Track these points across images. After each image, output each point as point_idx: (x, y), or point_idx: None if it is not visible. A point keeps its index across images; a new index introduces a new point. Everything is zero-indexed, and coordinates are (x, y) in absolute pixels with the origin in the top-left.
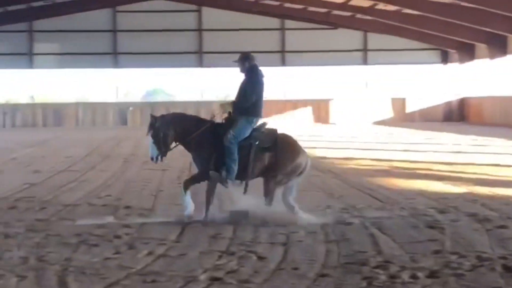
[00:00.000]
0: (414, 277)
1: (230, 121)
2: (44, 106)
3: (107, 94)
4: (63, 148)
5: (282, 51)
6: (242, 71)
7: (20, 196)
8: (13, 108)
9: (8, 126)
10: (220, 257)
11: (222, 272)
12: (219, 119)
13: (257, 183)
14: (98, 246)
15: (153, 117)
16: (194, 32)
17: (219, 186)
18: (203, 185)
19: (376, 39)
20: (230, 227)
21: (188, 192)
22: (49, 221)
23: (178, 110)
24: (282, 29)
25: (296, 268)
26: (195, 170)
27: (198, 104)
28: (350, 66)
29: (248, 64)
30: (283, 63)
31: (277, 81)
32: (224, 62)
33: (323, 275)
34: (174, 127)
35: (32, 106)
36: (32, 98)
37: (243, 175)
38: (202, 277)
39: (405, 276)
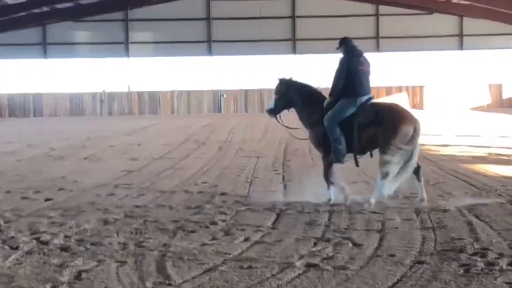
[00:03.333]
0: None
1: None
2: (140, 95)
3: (201, 82)
4: (159, 136)
5: (377, 37)
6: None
7: (118, 183)
8: (110, 97)
9: (105, 115)
10: (315, 243)
11: (318, 258)
12: None
13: None
14: (195, 232)
15: (280, 80)
16: (287, 20)
17: None
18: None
19: (472, 24)
20: (326, 214)
21: (331, 187)
22: (147, 208)
23: (270, 97)
24: (376, 15)
25: (392, 255)
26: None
27: None
28: (445, 51)
29: (345, 47)
30: (378, 49)
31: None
32: (318, 49)
33: (419, 262)
34: (296, 95)
35: (128, 95)
36: (128, 86)
37: (350, 150)
38: (298, 263)
39: (503, 263)
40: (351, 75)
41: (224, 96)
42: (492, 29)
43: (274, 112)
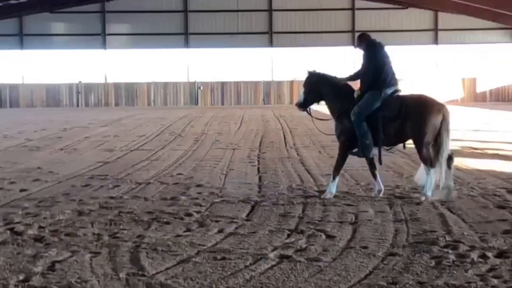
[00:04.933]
0: (483, 257)
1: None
2: (117, 86)
3: (178, 74)
4: (135, 127)
5: (352, 31)
6: (363, 51)
7: (93, 174)
8: (87, 88)
9: (82, 106)
10: (289, 235)
11: (291, 250)
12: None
13: None
14: (170, 223)
15: (310, 73)
16: (264, 13)
17: None
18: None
19: (446, 19)
20: (300, 206)
21: (336, 180)
22: (122, 199)
23: (246, 89)
24: (352, 9)
25: (365, 247)
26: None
27: (268, 83)
28: (420, 46)
29: (365, 43)
30: (353, 43)
31: (346, 61)
32: (294, 42)
33: (392, 254)
34: (325, 88)
35: (105, 86)
36: (105, 78)
37: (375, 144)
38: (272, 255)
39: (474, 256)
40: (377, 68)
41: (201, 88)
42: (467, 24)
43: (304, 106)
